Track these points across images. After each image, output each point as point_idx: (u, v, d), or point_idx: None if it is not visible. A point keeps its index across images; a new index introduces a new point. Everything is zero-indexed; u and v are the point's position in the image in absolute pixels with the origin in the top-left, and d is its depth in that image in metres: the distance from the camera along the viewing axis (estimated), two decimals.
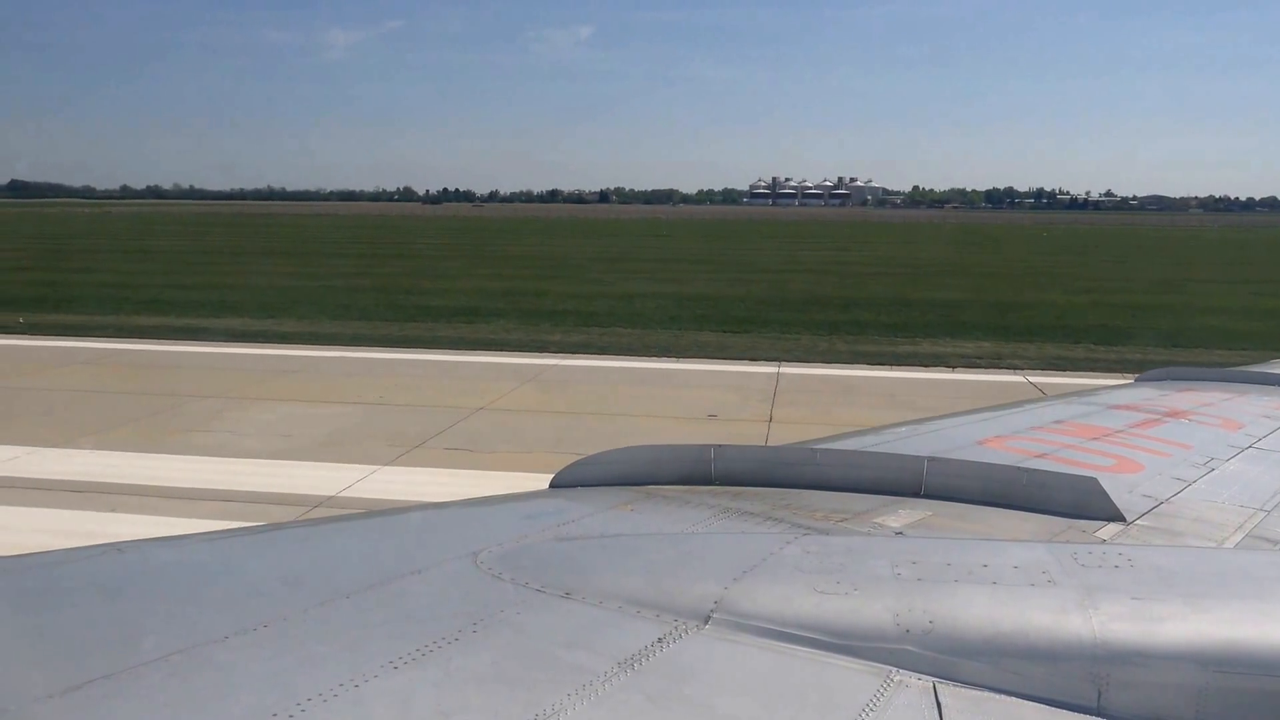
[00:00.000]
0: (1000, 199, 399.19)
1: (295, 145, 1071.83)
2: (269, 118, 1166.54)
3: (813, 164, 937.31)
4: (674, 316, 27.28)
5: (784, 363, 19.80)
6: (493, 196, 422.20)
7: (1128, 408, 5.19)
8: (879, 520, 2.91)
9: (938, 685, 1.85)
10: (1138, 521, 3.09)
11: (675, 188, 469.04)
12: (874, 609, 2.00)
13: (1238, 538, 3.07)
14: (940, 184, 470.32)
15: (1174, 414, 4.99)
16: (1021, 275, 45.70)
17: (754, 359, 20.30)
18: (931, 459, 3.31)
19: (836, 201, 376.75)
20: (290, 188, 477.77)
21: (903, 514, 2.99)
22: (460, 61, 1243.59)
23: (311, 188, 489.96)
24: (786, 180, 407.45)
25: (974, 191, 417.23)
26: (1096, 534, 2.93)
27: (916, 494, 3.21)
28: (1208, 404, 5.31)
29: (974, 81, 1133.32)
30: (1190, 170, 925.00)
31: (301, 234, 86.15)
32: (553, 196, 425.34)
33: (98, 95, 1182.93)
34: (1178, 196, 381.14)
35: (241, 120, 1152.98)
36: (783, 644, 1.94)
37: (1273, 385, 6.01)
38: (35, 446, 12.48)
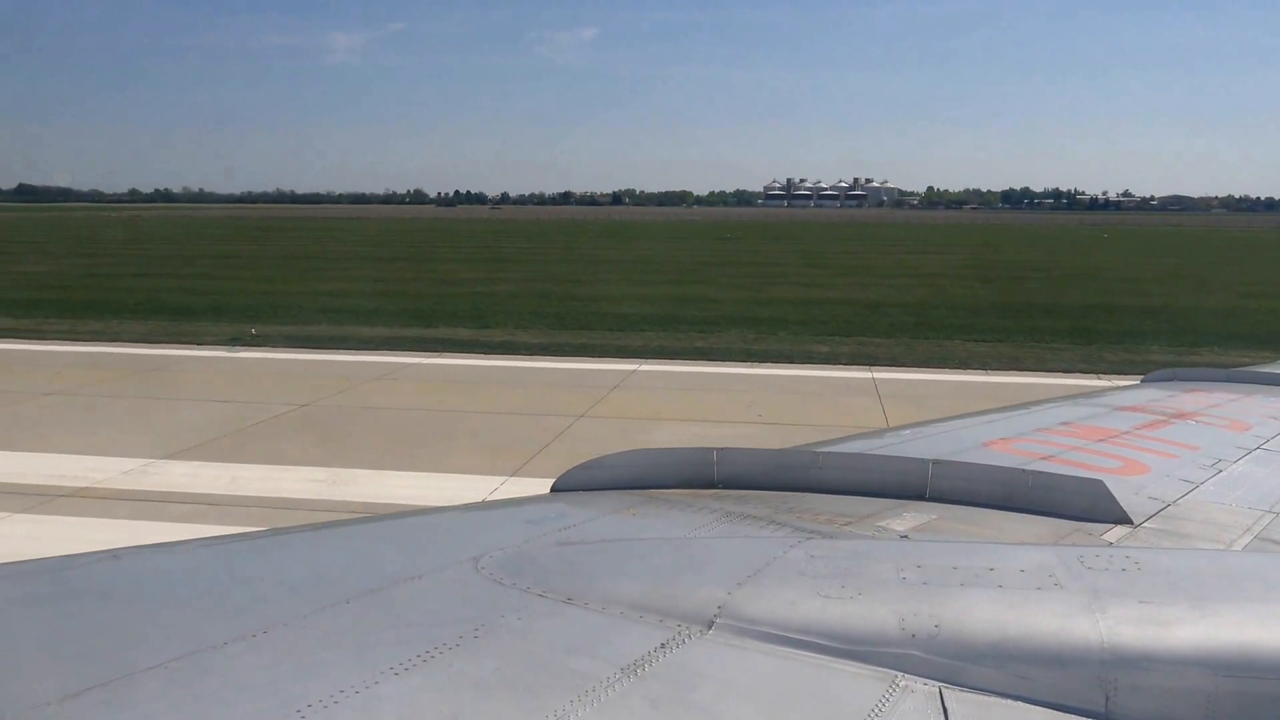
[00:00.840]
0: (1018, 199, 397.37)
1: (300, 148, 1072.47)
2: (273, 121, 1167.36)
3: (823, 164, 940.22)
4: (896, 324, 25.98)
5: (1101, 374, 18.06)
6: (504, 199, 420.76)
7: (1134, 409, 5.12)
8: (883, 524, 2.88)
9: (944, 690, 1.83)
10: (1145, 524, 3.06)
11: (685, 189, 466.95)
12: (879, 613, 1.98)
13: (1246, 540, 3.01)
14: (953, 184, 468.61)
15: (1181, 415, 4.92)
16: (1173, 278, 43.78)
17: (1083, 371, 18.79)
18: (936, 462, 3.27)
19: (853, 203, 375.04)
20: (298, 190, 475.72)
21: (907, 517, 2.95)
22: (465, 64, 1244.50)
23: (320, 190, 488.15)
24: (801, 181, 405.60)
25: (989, 192, 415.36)
26: (1103, 537, 2.89)
27: (921, 497, 3.17)
28: (1215, 405, 5.23)
29: (986, 81, 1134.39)
30: (1198, 170, 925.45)
31: (369, 238, 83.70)
32: (565, 199, 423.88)
33: (102, 100, 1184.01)
34: (1199, 196, 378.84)
35: (245, 123, 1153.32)
36: (787, 649, 1.92)
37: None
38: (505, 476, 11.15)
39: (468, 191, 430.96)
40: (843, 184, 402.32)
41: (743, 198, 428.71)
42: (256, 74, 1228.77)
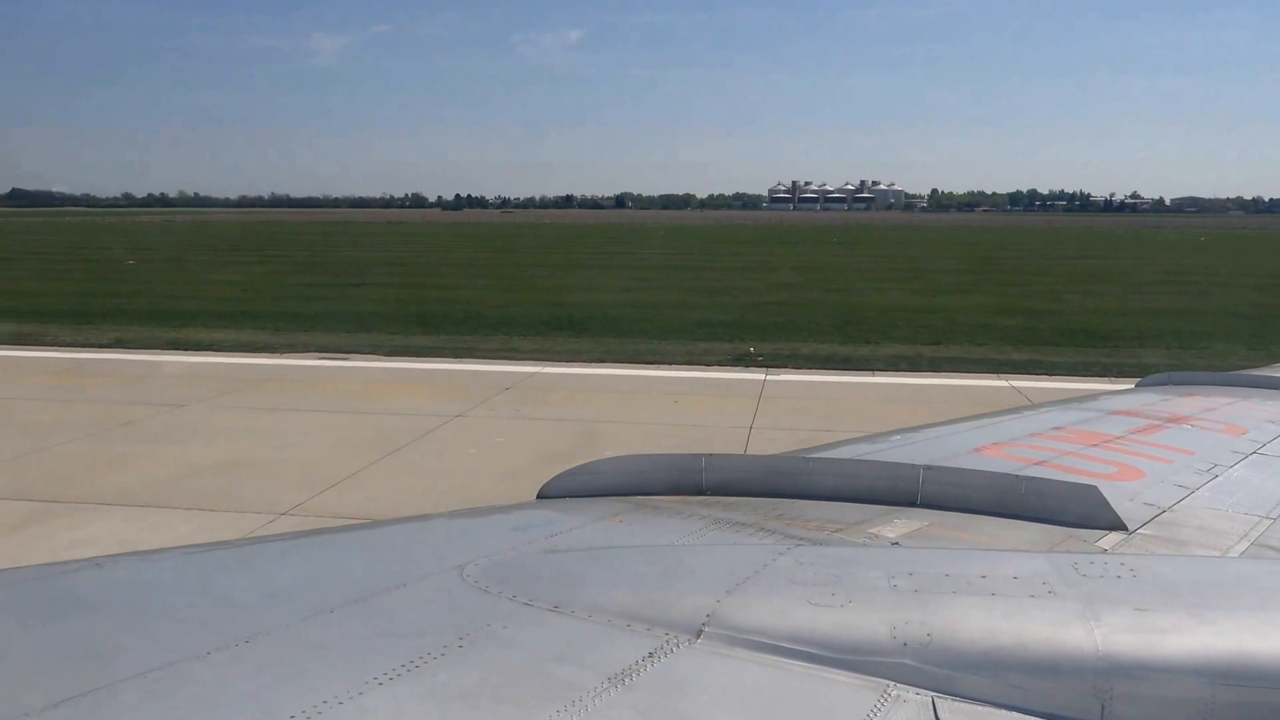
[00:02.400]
0: (1028, 202, 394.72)
1: (292, 152, 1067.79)
2: (261, 125, 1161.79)
3: (824, 167, 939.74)
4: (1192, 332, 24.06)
5: None
6: (505, 202, 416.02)
7: (1128, 413, 5.05)
8: (874, 530, 2.83)
9: (936, 700, 1.81)
10: (1140, 530, 3.01)
11: (685, 192, 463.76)
12: (870, 622, 1.95)
13: (1243, 546, 2.97)
14: (957, 186, 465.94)
15: (1176, 419, 4.85)
16: None
17: None
18: (927, 467, 3.23)
19: (861, 205, 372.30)
20: (294, 194, 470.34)
21: (898, 524, 2.90)
22: (458, 67, 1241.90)
23: (315, 194, 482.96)
24: (806, 184, 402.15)
25: (995, 194, 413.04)
26: (1097, 543, 2.86)
27: (913, 503, 3.14)
28: (1210, 409, 5.14)
29: (988, 83, 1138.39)
30: (1206, 171, 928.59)
31: (445, 243, 78.28)
32: (568, 202, 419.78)
33: (90, 104, 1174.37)
34: (1213, 198, 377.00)
35: (232, 127, 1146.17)
36: (777, 658, 1.89)
37: (1276, 389, 5.81)
38: None
39: (468, 195, 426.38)
40: (849, 186, 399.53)
41: (748, 201, 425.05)
42: (242, 77, 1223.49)
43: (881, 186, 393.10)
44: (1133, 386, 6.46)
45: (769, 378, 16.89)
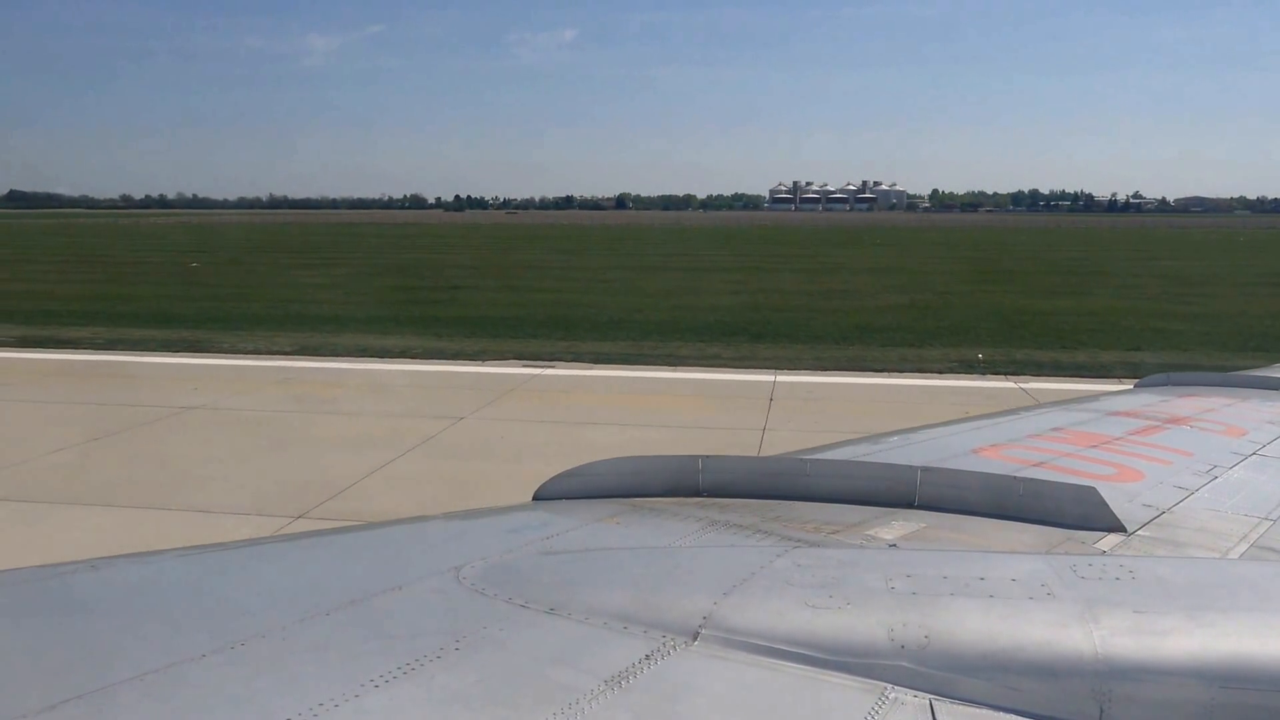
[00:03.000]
0: (1031, 202, 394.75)
1: (290, 154, 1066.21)
2: (256, 126, 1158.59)
3: (823, 167, 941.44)
4: None
5: None
6: (505, 203, 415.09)
7: (1127, 414, 5.03)
8: (872, 532, 2.82)
9: (934, 702, 1.80)
10: (1139, 532, 2.99)
11: (683, 193, 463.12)
12: (868, 624, 1.94)
13: (1242, 548, 2.96)
14: (956, 187, 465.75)
15: (1175, 420, 4.82)
16: None
17: None
18: (925, 469, 3.21)
19: (864, 206, 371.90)
20: (291, 195, 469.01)
21: (896, 525, 2.88)
22: (456, 68, 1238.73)
23: (313, 195, 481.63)
24: (808, 184, 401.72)
25: (996, 194, 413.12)
26: (1096, 545, 2.84)
27: (910, 505, 3.12)
28: (1210, 410, 5.11)
29: (988, 82, 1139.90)
30: (1208, 171, 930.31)
31: (495, 245, 76.93)
32: (568, 202, 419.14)
33: (86, 105, 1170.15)
34: (1217, 197, 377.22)
35: (228, 128, 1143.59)
36: (774, 660, 1.88)
37: (1277, 390, 5.77)
38: None
39: (468, 196, 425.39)
40: (850, 187, 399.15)
41: (750, 201, 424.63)
42: (237, 78, 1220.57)
43: (883, 187, 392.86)
44: (1131, 387, 6.41)
45: (1020, 386, 16.18)
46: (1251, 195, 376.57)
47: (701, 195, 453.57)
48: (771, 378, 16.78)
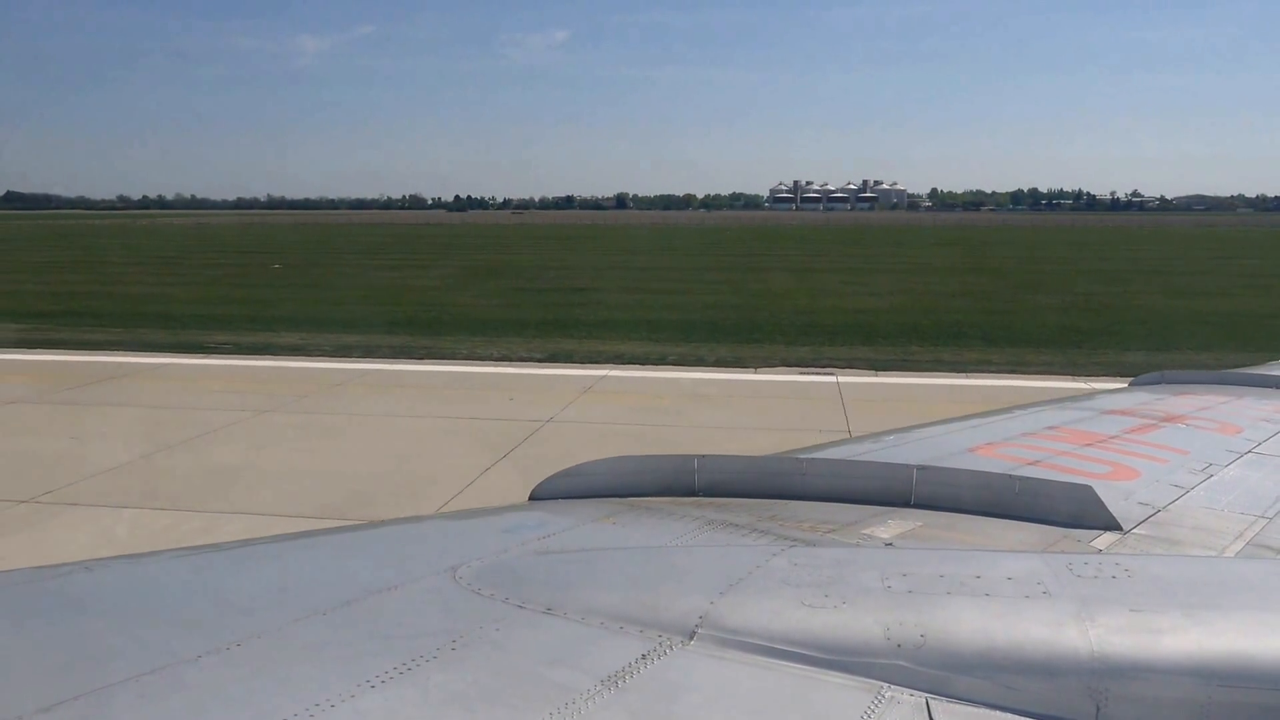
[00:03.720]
0: (1035, 201, 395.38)
1: (285, 154, 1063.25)
2: (252, 126, 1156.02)
3: (820, 166, 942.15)
4: None
5: None
6: (506, 203, 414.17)
7: (1123, 413, 5.03)
8: (868, 531, 2.82)
9: (930, 701, 1.80)
10: (1135, 530, 3.00)
11: (679, 192, 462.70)
12: (864, 623, 1.95)
13: (1238, 546, 2.96)
14: (954, 186, 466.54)
15: (1170, 419, 4.84)
16: None
17: None
18: (921, 468, 3.21)
19: (865, 205, 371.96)
20: (290, 196, 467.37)
21: (892, 524, 2.89)
22: (451, 68, 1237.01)
23: (311, 196, 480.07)
24: (808, 183, 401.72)
25: (995, 193, 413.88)
26: (1092, 544, 2.84)
27: (906, 504, 3.12)
28: (1205, 408, 5.13)
29: (986, 81, 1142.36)
30: (1208, 169, 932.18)
31: (549, 245, 76.98)
32: (569, 202, 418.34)
33: (80, 105, 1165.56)
34: (1220, 196, 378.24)
35: (223, 129, 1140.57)
36: (770, 660, 1.88)
37: (1271, 388, 5.79)
38: None
39: (469, 196, 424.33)
40: (851, 186, 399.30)
41: (750, 201, 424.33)
42: (231, 78, 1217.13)
43: (884, 186, 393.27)
44: (1126, 386, 6.45)
45: None
46: (1250, 193, 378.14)
47: (699, 195, 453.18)
48: (1086, 384, 15.73)
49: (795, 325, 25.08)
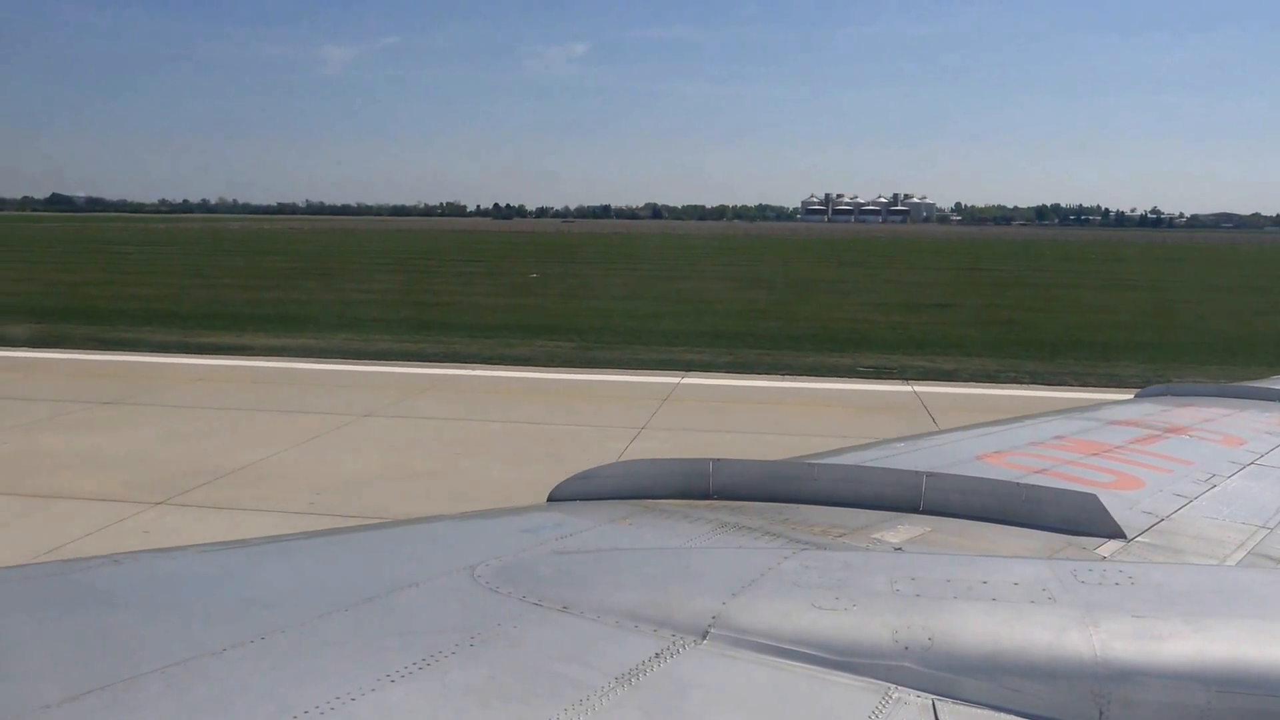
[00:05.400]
0: (1063, 216, 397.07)
1: (320, 160, 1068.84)
2: (287, 133, 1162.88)
3: (847, 179, 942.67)
4: None
5: None
6: (544, 211, 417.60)
7: (1128, 423, 5.11)
8: (877, 535, 2.87)
9: (937, 703, 1.82)
10: (1138, 539, 3.04)
11: (704, 203, 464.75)
12: (872, 625, 1.97)
13: (1240, 555, 3.00)
14: (977, 200, 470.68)
15: (1174, 430, 4.91)
16: None
17: None
18: (930, 474, 3.26)
19: (897, 218, 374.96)
20: (328, 202, 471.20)
21: (901, 529, 2.94)
22: (477, 79, 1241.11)
23: (350, 202, 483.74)
24: (839, 196, 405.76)
25: (1016, 208, 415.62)
26: (1097, 551, 2.88)
27: (915, 509, 3.16)
28: (1208, 420, 5.22)
29: (1009, 97, 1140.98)
30: (1232, 187, 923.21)
31: (684, 258, 74.66)
32: (605, 211, 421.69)
33: (127, 111, 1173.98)
34: (1238, 213, 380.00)
35: (256, 135, 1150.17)
36: (780, 660, 1.91)
37: (1273, 401, 5.90)
38: None
39: (507, 205, 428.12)
40: (882, 199, 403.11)
41: (776, 213, 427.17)
42: (263, 85, 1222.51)
43: (916, 199, 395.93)
44: (1131, 397, 6.54)
45: None
46: (1268, 212, 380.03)
47: (731, 206, 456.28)
48: None
49: (1058, 342, 24.53)
